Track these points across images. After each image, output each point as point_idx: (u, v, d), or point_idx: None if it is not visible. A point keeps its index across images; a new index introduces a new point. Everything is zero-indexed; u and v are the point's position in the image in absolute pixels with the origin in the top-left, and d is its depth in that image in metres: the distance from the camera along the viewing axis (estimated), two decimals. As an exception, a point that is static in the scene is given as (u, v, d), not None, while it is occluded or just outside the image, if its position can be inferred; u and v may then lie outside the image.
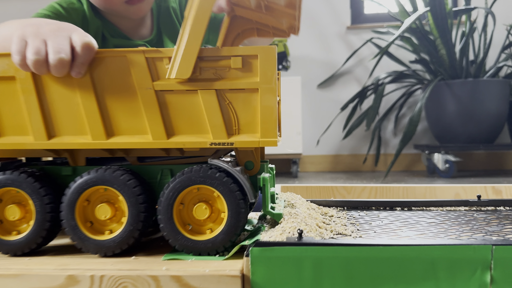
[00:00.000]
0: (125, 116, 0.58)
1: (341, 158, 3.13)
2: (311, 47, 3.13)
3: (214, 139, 0.57)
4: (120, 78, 0.57)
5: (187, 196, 0.57)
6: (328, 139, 3.11)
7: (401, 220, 0.67)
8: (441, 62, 2.63)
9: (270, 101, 0.55)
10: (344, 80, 3.10)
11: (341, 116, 3.03)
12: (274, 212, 0.58)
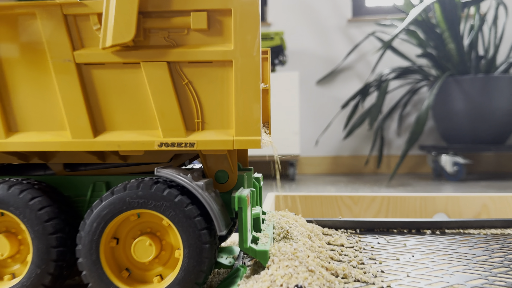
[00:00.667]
0: (32, 103, 0.39)
1: (341, 160, 2.94)
2: (310, 41, 2.93)
3: (165, 138, 0.38)
4: (25, 46, 0.38)
5: (122, 226, 0.38)
6: (327, 139, 2.92)
7: (438, 251, 0.49)
8: (449, 57, 2.44)
9: (250, 80, 0.36)
10: (345, 76, 2.91)
11: (341, 115, 2.84)
12: (256, 248, 0.38)
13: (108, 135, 0.38)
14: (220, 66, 0.37)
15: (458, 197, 0.98)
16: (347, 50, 2.84)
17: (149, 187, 0.35)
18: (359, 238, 0.56)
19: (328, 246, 0.50)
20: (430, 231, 0.59)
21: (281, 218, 0.52)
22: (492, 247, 0.51)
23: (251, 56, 0.36)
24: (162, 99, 0.37)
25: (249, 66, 0.36)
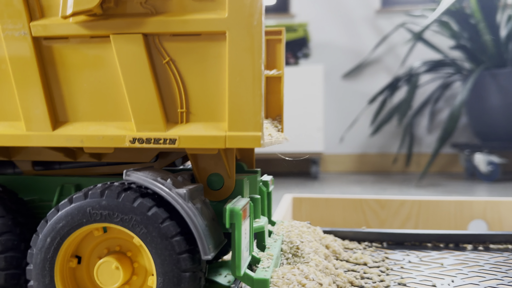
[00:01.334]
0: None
1: (368, 158, 2.82)
2: (336, 33, 2.82)
3: (139, 132, 0.30)
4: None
5: (84, 242, 0.30)
6: (353, 136, 2.81)
7: (484, 273, 0.39)
8: (484, 49, 2.29)
9: (249, 58, 0.28)
10: (373, 69, 2.79)
11: (368, 111, 2.72)
12: (254, 276, 0.30)
13: (70, 127, 0.31)
14: (211, 39, 0.29)
15: (498, 202, 0.87)
16: (375, 42, 2.71)
17: (116, 195, 0.28)
18: (386, 254, 0.47)
19: (348, 266, 0.41)
20: (472, 246, 0.50)
21: (292, 229, 0.44)
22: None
23: (251, 26, 0.28)
24: (135, 82, 0.29)
25: (248, 40, 0.28)
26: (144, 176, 0.28)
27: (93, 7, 0.29)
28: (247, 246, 0.31)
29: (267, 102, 0.49)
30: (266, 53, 0.49)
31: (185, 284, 0.27)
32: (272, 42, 0.49)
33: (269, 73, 0.48)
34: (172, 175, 0.31)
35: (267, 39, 0.49)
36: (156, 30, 0.29)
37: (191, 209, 0.28)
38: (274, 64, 0.49)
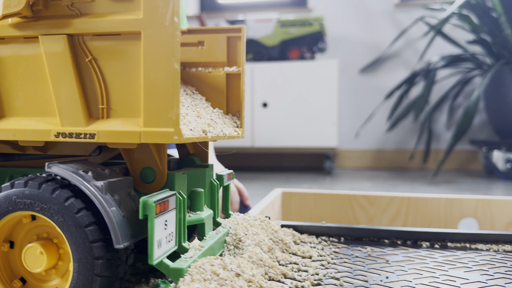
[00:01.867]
0: None
1: (384, 154, 2.79)
2: (353, 27, 2.79)
3: (63, 127, 0.32)
4: None
5: (17, 229, 0.32)
6: (369, 132, 2.78)
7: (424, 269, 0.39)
8: (505, 44, 2.22)
9: (162, 56, 0.29)
10: (391, 64, 2.74)
11: (385, 106, 2.68)
12: (170, 265, 0.31)
13: (5, 122, 0.33)
14: (129, 39, 0.30)
15: (490, 200, 0.86)
16: (393, 37, 2.67)
17: (38, 185, 0.30)
18: (338, 249, 0.47)
19: (292, 258, 0.42)
20: (428, 244, 0.50)
21: (241, 222, 0.45)
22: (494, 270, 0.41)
23: (163, 26, 0.29)
24: (60, 80, 0.31)
25: (160, 39, 0.29)
26: (64, 169, 0.30)
27: (20, 9, 0.31)
28: (169, 237, 0.33)
29: (228, 98, 0.50)
30: (228, 50, 0.50)
31: (98, 270, 0.29)
32: (233, 40, 0.50)
33: (229, 69, 0.49)
34: (100, 168, 0.33)
35: (228, 37, 0.50)
36: (80, 31, 0.31)
37: (107, 201, 0.30)
38: (235, 61, 0.50)
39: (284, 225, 0.52)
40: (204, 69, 0.50)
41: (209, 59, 0.50)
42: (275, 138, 2.51)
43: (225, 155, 2.98)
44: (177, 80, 0.30)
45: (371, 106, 2.72)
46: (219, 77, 0.50)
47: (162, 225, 0.31)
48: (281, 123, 2.49)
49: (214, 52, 0.50)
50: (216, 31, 0.50)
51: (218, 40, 0.50)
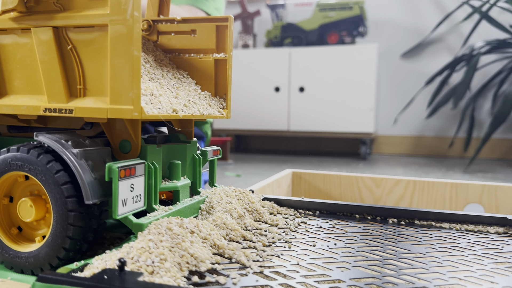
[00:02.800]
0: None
1: (424, 140, 2.73)
2: (395, 10, 2.73)
3: (49, 103, 0.38)
4: None
5: (15, 186, 0.39)
6: (409, 118, 2.73)
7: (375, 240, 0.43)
8: (558, 27, 2.11)
9: (123, 45, 0.35)
10: (433, 49, 2.67)
11: (426, 92, 2.62)
12: (133, 221, 0.38)
13: (7, 99, 0.40)
14: (99, 30, 0.36)
15: (495, 187, 0.86)
16: (436, 20, 2.59)
17: (27, 151, 0.36)
18: (310, 220, 0.52)
19: (260, 225, 0.47)
20: (396, 221, 0.53)
21: (218, 192, 0.50)
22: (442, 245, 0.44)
23: (125, 20, 0.34)
24: (47, 64, 0.37)
25: (122, 31, 0.35)
26: (49, 138, 0.37)
27: (15, 6, 0.37)
28: (137, 198, 0.39)
29: (216, 82, 0.55)
30: (216, 37, 0.55)
31: (71, 220, 0.35)
32: (222, 28, 0.54)
33: (218, 56, 0.54)
34: (83, 138, 0.39)
35: (217, 25, 0.55)
36: (63, 24, 0.37)
37: (80, 165, 0.36)
38: (224, 48, 0.54)
39: (266, 198, 0.57)
40: (196, 55, 0.56)
41: (200, 46, 0.55)
42: (310, 122, 2.53)
43: (259, 138, 3.03)
44: (137, 65, 0.35)
45: (411, 92, 2.67)
46: (208, 62, 0.55)
47: (128, 188, 0.37)
48: (317, 107, 2.51)
49: (205, 39, 0.55)
50: (207, 21, 0.55)
51: (208, 29, 0.55)
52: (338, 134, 2.50)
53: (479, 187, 0.87)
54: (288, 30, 2.64)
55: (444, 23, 2.59)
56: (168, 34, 0.56)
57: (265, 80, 2.61)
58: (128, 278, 0.29)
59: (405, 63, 2.73)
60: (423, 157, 2.61)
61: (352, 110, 2.45)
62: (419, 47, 2.68)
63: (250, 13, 2.86)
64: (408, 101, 2.65)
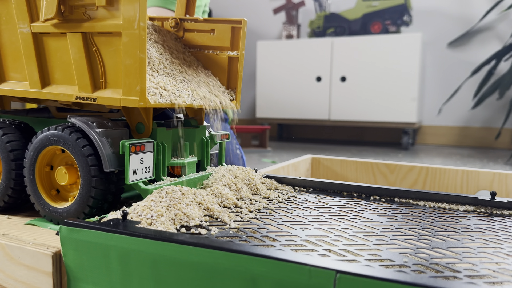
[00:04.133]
0: (13, 60, 0.53)
1: (470, 131, 2.68)
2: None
3: (80, 93, 0.49)
4: (8, 19, 0.52)
5: (54, 158, 0.50)
6: (455, 108, 2.68)
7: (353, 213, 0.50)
8: None
9: (132, 49, 0.44)
10: (482, 37, 2.60)
11: (473, 82, 2.57)
12: (142, 186, 0.47)
13: (51, 88, 0.51)
14: (116, 36, 0.46)
15: (506, 174, 0.89)
16: (485, 8, 2.52)
17: (62, 129, 0.47)
18: (301, 196, 0.60)
19: (254, 197, 0.56)
20: (378, 198, 0.59)
21: (221, 170, 0.59)
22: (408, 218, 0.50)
23: (133, 29, 0.44)
24: (78, 62, 0.47)
25: (132, 38, 0.44)
26: (79, 120, 0.47)
27: (53, 15, 0.48)
28: (146, 170, 0.48)
29: (229, 76, 0.64)
30: (231, 38, 0.63)
31: (93, 184, 0.46)
32: (236, 30, 0.63)
33: (231, 53, 0.63)
34: (106, 121, 0.49)
35: (233, 27, 0.63)
36: (89, 30, 0.47)
37: (102, 142, 0.46)
38: (237, 47, 0.63)
39: (268, 176, 0.65)
40: (213, 51, 0.65)
41: (218, 44, 0.64)
42: (351, 112, 2.56)
43: (301, 127, 3.09)
44: (143, 65, 0.45)
45: (458, 82, 2.62)
46: (223, 58, 0.64)
47: (138, 161, 0.47)
48: (359, 97, 2.53)
49: (222, 38, 0.64)
50: (224, 22, 0.64)
51: (225, 29, 0.63)
52: (380, 123, 2.52)
53: (490, 175, 0.90)
54: (331, 20, 2.67)
55: (494, 11, 2.51)
56: (192, 32, 0.66)
57: (307, 70, 2.66)
58: (129, 224, 0.39)
59: (452, 52, 2.68)
60: (469, 148, 2.57)
61: (394, 100, 2.45)
62: (467, 36, 2.62)
63: (295, 4, 2.91)
64: (453, 91, 2.61)
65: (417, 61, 2.40)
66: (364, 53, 2.52)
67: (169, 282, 0.36)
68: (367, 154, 2.24)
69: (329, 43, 2.60)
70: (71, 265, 0.41)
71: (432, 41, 2.70)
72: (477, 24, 2.57)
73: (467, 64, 2.62)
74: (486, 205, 0.55)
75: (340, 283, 0.30)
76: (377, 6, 2.54)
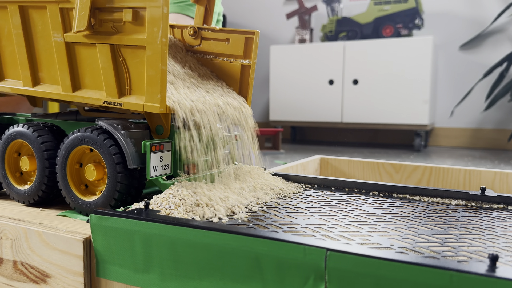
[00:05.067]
0: (47, 65, 0.60)
1: (483, 133, 2.69)
2: (453, 2, 2.69)
3: (107, 98, 0.55)
4: (44, 29, 0.59)
5: (83, 156, 0.56)
6: (467, 110, 2.69)
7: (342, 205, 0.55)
8: None
9: (155, 61, 0.50)
10: (494, 39, 2.61)
11: (485, 84, 2.58)
12: (161, 181, 0.53)
13: (81, 92, 0.57)
14: (140, 49, 0.51)
15: (507, 173, 0.92)
16: (497, 10, 2.53)
17: (91, 131, 0.53)
18: (305, 190, 0.65)
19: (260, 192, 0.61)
20: (377, 193, 0.64)
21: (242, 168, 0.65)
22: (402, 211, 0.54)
23: (156, 44, 0.49)
24: (106, 70, 0.53)
25: (154, 51, 0.50)
26: (105, 122, 0.53)
27: (85, 28, 0.54)
28: (165, 166, 0.54)
29: (241, 83, 0.69)
30: (244, 47, 0.69)
31: (119, 179, 0.51)
32: (249, 40, 0.68)
33: (244, 62, 0.68)
34: (129, 123, 0.55)
35: (246, 37, 0.68)
36: (117, 42, 0.53)
37: (126, 142, 0.52)
38: (249, 56, 0.68)
39: (276, 174, 0.71)
40: (228, 59, 0.70)
41: (232, 52, 0.70)
42: (364, 114, 2.59)
43: (314, 130, 3.13)
44: (164, 76, 0.50)
45: (470, 84, 2.63)
46: (236, 66, 0.69)
47: (158, 158, 0.53)
48: (371, 99, 2.57)
49: (236, 47, 0.69)
50: (238, 32, 0.69)
51: (239, 39, 0.69)
52: (392, 125, 2.55)
53: (491, 174, 0.94)
54: (343, 24, 2.72)
55: (506, 13, 2.52)
56: (208, 40, 0.71)
57: (320, 73, 2.71)
58: (150, 212, 0.45)
59: (464, 54, 2.69)
60: (481, 150, 2.58)
61: (405, 103, 2.48)
62: (479, 38, 2.63)
63: (307, 9, 2.96)
64: (466, 93, 2.62)
65: (428, 64, 2.43)
66: (376, 56, 2.56)
67: (185, 261, 0.42)
68: (380, 156, 2.27)
69: (341, 47, 2.64)
70: (99, 249, 0.46)
71: (444, 44, 2.72)
72: (489, 27, 2.58)
73: (479, 66, 2.63)
74: (476, 199, 0.60)
75: (330, 259, 0.35)
76: (389, 10, 2.58)
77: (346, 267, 0.34)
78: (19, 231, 0.52)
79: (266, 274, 0.38)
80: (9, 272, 0.53)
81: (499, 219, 0.52)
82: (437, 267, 0.31)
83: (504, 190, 0.94)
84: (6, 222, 0.53)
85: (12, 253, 0.53)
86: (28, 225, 0.52)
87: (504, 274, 0.30)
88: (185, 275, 0.42)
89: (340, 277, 0.35)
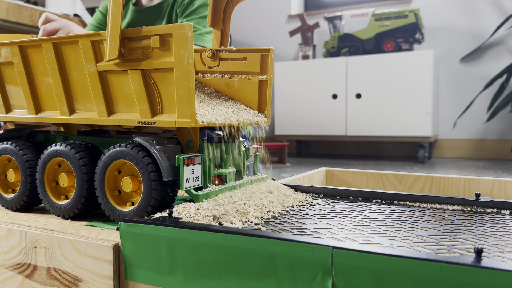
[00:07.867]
0: (82, 94, 0.65)
1: (486, 144, 2.72)
2: (452, 15, 2.76)
3: (141, 118, 0.60)
4: (76, 61, 0.64)
5: (122, 166, 0.61)
6: (470, 121, 2.74)
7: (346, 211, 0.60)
8: None
9: (183, 81, 0.55)
10: (494, 52, 2.66)
11: (486, 95, 2.63)
12: (193, 192, 0.58)
13: (115, 115, 0.62)
14: (169, 71, 0.57)
15: (505, 181, 0.97)
16: (496, 23, 2.59)
17: (131, 148, 0.58)
18: (313, 199, 0.70)
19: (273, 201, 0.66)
20: (380, 201, 0.69)
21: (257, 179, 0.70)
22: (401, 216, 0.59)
23: (183, 65, 0.55)
24: (138, 93, 0.59)
25: (182, 71, 0.55)
26: (142, 139, 0.58)
27: (116, 57, 0.59)
28: (196, 178, 0.59)
29: (260, 97, 0.74)
30: (261, 64, 0.74)
31: (153, 193, 0.57)
32: (265, 57, 0.73)
33: (261, 77, 0.73)
34: (163, 139, 0.60)
35: (262, 54, 0.74)
36: (147, 67, 0.58)
37: (161, 156, 0.57)
38: (266, 72, 0.74)
39: (285, 184, 0.76)
40: (246, 76, 0.76)
41: (249, 70, 0.75)
42: (368, 127, 2.65)
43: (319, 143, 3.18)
44: (192, 93, 0.56)
45: (472, 96, 2.68)
46: (254, 82, 0.74)
47: (190, 171, 0.58)
48: (374, 113, 2.62)
49: (252, 65, 0.74)
50: (254, 51, 0.75)
51: (255, 57, 0.74)
52: (395, 138, 2.59)
53: (490, 182, 0.98)
54: (345, 40, 2.79)
55: (505, 25, 2.58)
56: (226, 60, 0.77)
57: (323, 88, 2.77)
58: (173, 219, 0.50)
59: (465, 67, 2.75)
60: (485, 160, 2.61)
61: (408, 115, 2.53)
62: (479, 51, 2.69)
63: (310, 26, 3.04)
64: (467, 105, 2.67)
65: (430, 77, 2.48)
66: (378, 70, 2.62)
67: (206, 262, 0.47)
68: (384, 167, 2.31)
69: (343, 62, 2.71)
70: (128, 254, 0.51)
71: (445, 57, 2.77)
72: (488, 39, 2.64)
73: (480, 78, 2.68)
74: (472, 204, 0.64)
75: (336, 256, 0.40)
76: (389, 26, 2.64)
77: (351, 262, 0.39)
78: (53, 240, 0.57)
79: (279, 271, 0.43)
80: (43, 278, 0.58)
81: (492, 221, 0.57)
82: (429, 260, 0.36)
83: (503, 197, 0.98)
84: (40, 232, 0.58)
85: (46, 261, 0.58)
86: (61, 234, 0.57)
87: (488, 264, 0.35)
88: (206, 275, 0.47)
89: (345, 271, 0.39)
